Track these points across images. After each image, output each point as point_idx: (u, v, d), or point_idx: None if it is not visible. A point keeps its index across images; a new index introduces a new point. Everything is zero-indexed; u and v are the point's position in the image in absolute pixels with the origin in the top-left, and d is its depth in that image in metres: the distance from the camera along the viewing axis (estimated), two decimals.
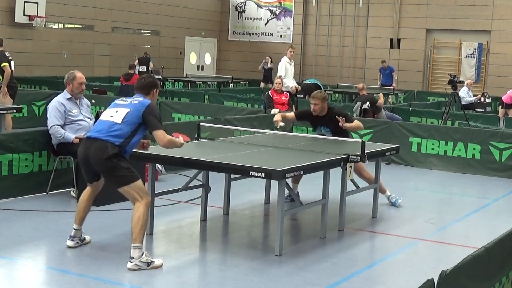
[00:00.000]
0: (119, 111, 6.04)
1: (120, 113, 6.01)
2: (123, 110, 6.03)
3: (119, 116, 5.99)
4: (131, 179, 5.89)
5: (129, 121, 5.96)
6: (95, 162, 5.92)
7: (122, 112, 6.02)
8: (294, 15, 28.01)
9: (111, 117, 6.04)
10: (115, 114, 6.04)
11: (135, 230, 5.78)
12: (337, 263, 6.29)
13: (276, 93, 13.61)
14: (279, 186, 6.14)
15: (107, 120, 6.02)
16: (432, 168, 11.53)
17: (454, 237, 7.56)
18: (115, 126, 5.94)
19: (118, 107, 6.12)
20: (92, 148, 5.92)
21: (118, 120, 5.96)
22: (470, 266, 3.98)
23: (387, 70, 23.45)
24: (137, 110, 5.99)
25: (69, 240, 6.27)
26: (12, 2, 20.61)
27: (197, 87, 22.29)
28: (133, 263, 5.73)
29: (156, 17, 26.05)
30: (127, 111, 6.01)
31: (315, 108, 8.22)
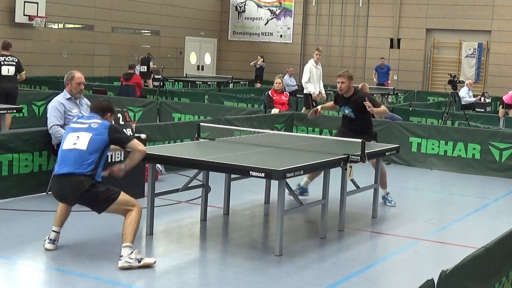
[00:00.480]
0: (81, 137, 5.96)
1: (82, 139, 5.94)
2: (85, 136, 5.95)
3: (83, 142, 5.92)
4: (113, 198, 5.92)
5: (95, 148, 5.94)
6: (74, 197, 5.95)
7: (84, 138, 5.94)
8: (294, 15, 28.02)
9: (74, 144, 5.94)
10: (78, 141, 5.94)
11: (127, 231, 5.81)
12: (337, 263, 6.29)
13: (276, 93, 13.61)
14: (279, 186, 6.14)
15: (72, 150, 5.92)
16: (432, 168, 11.53)
17: (454, 237, 7.56)
18: (82, 155, 5.88)
19: (78, 131, 6.02)
20: (67, 185, 5.89)
21: (83, 147, 5.90)
22: (470, 266, 3.98)
23: (384, 68, 23.45)
24: (100, 134, 5.97)
25: (49, 243, 6.17)
26: (12, 2, 20.62)
27: (197, 87, 22.30)
28: (122, 260, 5.74)
29: (156, 17, 26.05)
30: (89, 136, 5.94)
31: (341, 86, 8.46)
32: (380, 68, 23.51)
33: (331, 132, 12.44)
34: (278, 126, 12.56)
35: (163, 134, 10.37)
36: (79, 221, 7.20)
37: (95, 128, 6.01)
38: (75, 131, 6.05)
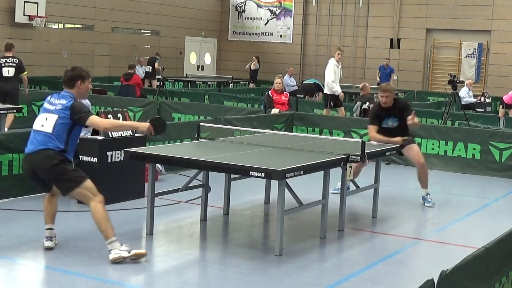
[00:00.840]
0: (49, 119, 5.97)
1: (49, 122, 5.95)
2: (52, 118, 5.96)
3: (49, 125, 5.94)
4: (80, 180, 5.93)
5: (60, 130, 5.93)
6: (43, 171, 5.94)
7: (51, 120, 5.96)
8: (294, 15, 28.02)
9: (42, 126, 5.98)
10: (46, 123, 5.97)
11: (102, 228, 5.86)
12: (337, 263, 6.29)
13: (276, 93, 13.60)
14: (279, 186, 6.14)
15: (40, 132, 5.96)
16: (432, 168, 11.52)
17: (454, 237, 7.56)
18: (49, 137, 5.91)
19: (48, 112, 6.03)
20: (36, 160, 5.91)
21: (49, 129, 5.92)
22: (470, 266, 3.98)
23: (388, 69, 23.45)
24: (64, 117, 5.94)
25: (48, 241, 6.18)
26: (12, 2, 20.61)
27: (197, 87, 22.30)
28: (113, 252, 5.78)
29: (156, 17, 26.05)
30: (55, 118, 5.95)
31: (386, 100, 8.58)
32: (384, 69, 23.51)
33: (331, 132, 12.45)
34: (278, 126, 12.56)
35: (163, 134, 10.35)
36: (79, 221, 7.21)
37: (58, 110, 5.98)
38: (45, 111, 6.06)
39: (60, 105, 6.00)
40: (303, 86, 21.00)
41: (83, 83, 6.11)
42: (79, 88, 6.10)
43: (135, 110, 14.97)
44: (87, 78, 6.16)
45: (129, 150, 6.84)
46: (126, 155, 6.87)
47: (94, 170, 7.77)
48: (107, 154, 7.91)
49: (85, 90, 6.20)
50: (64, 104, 5.98)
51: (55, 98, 6.11)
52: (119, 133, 8.12)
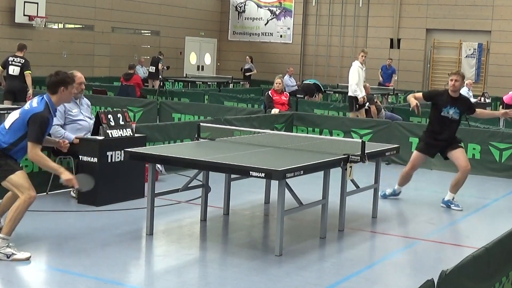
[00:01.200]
0: (12, 115, 6.01)
1: (11, 118, 5.99)
2: (14, 115, 5.98)
3: (9, 121, 5.98)
4: (4, 175, 5.89)
5: (14, 129, 5.92)
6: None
7: (12, 117, 5.98)
8: (294, 15, 28.02)
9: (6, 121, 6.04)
10: (9, 118, 6.02)
11: (6, 221, 5.86)
12: (337, 263, 6.29)
13: (276, 93, 13.60)
14: (279, 186, 6.14)
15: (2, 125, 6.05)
16: (432, 168, 11.52)
17: (454, 237, 7.56)
18: (3, 130, 5.97)
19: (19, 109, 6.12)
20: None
21: (7, 125, 5.98)
22: (470, 266, 3.98)
23: (390, 70, 23.43)
24: (23, 119, 5.91)
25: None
26: (12, 2, 20.62)
27: (197, 87, 22.30)
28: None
29: (156, 17, 26.05)
30: (16, 117, 5.95)
31: (456, 84, 8.47)
32: (386, 68, 23.50)
33: (331, 132, 12.45)
34: (278, 126, 12.56)
35: (163, 134, 10.37)
36: (79, 221, 7.21)
37: (24, 111, 5.97)
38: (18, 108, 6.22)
39: (28, 107, 5.99)
40: (303, 86, 21.00)
41: (66, 89, 6.04)
42: (62, 93, 6.04)
43: (135, 110, 14.97)
44: (70, 84, 6.09)
45: (129, 150, 6.84)
46: (126, 155, 6.87)
47: (94, 170, 7.78)
48: (107, 154, 7.91)
49: (68, 96, 6.14)
50: (31, 108, 5.93)
51: (35, 100, 6.04)
52: (119, 133, 8.12)
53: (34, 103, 5.97)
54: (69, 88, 6.08)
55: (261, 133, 8.93)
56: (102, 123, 7.97)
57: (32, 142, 5.85)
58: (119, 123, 8.16)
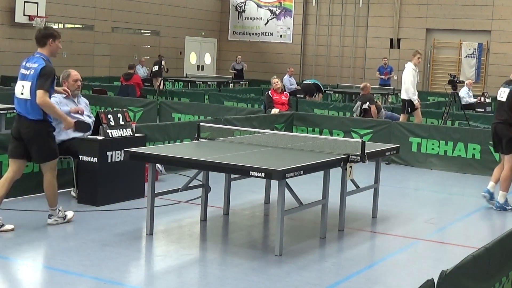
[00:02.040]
0: (25, 86, 6.56)
1: (26, 89, 6.54)
2: (27, 85, 6.53)
3: (27, 92, 6.54)
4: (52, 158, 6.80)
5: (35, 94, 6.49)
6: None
7: (27, 87, 6.53)
8: (294, 15, 28.02)
9: (22, 94, 6.60)
10: (24, 91, 6.57)
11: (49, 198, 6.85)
12: (337, 263, 6.29)
13: (276, 93, 13.60)
14: (279, 186, 6.14)
15: (21, 99, 6.61)
16: (432, 168, 11.53)
17: (454, 237, 7.56)
18: (27, 104, 6.56)
19: (24, 80, 6.59)
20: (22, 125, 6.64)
21: (26, 96, 6.55)
22: (470, 266, 3.98)
23: (387, 68, 23.42)
24: (35, 82, 6.48)
25: None
26: (12, 2, 20.61)
27: (197, 87, 22.30)
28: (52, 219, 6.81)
29: (156, 17, 26.05)
30: (29, 84, 6.52)
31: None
32: (383, 68, 23.48)
33: (331, 132, 12.46)
34: (278, 126, 12.56)
35: (163, 134, 10.37)
36: (79, 221, 7.21)
37: (31, 75, 6.53)
38: (21, 78, 6.63)
39: (33, 70, 6.52)
40: (302, 86, 21.00)
41: (53, 42, 6.67)
42: (51, 46, 6.67)
43: (135, 110, 14.97)
44: (57, 38, 6.73)
45: (129, 150, 6.84)
46: (126, 155, 6.87)
47: (94, 170, 7.78)
48: (107, 154, 7.91)
49: (56, 49, 6.73)
50: (35, 68, 6.51)
51: (30, 62, 6.61)
52: (119, 133, 8.12)
53: (34, 64, 6.53)
54: (56, 41, 6.71)
55: (261, 133, 8.92)
56: (102, 123, 7.97)
57: (42, 90, 6.44)
58: (119, 123, 8.16)
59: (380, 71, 23.56)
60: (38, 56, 6.63)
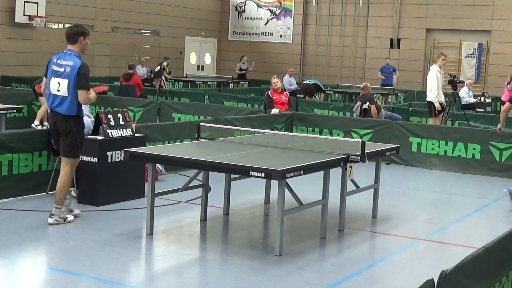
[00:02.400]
0: (62, 84, 6.81)
1: (63, 86, 6.80)
2: (64, 82, 6.80)
3: (64, 89, 6.80)
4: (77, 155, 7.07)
5: (72, 91, 6.80)
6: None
7: (64, 84, 6.80)
8: (294, 15, 28.01)
9: (58, 91, 6.83)
10: (61, 88, 6.81)
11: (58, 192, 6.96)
12: (337, 263, 6.29)
13: (276, 92, 13.59)
14: (279, 186, 6.14)
15: (57, 95, 6.84)
16: (432, 168, 11.53)
17: (454, 237, 7.56)
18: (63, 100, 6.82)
19: (59, 77, 6.83)
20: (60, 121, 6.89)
21: (64, 93, 6.81)
22: (470, 266, 3.98)
23: (390, 68, 23.39)
24: (73, 77, 6.78)
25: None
26: (12, 2, 20.61)
27: (197, 87, 22.30)
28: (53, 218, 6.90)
29: (156, 17, 26.05)
30: (67, 82, 6.79)
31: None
32: (385, 69, 23.47)
33: (331, 132, 12.46)
34: (278, 126, 12.56)
35: (163, 134, 10.37)
36: (79, 221, 7.21)
37: (68, 73, 6.80)
38: (56, 75, 6.86)
39: (69, 68, 6.79)
40: (302, 86, 20.98)
41: (84, 39, 6.96)
42: (81, 43, 6.96)
43: (135, 110, 14.97)
44: (88, 35, 7.02)
45: (129, 150, 6.84)
46: (126, 155, 6.87)
47: (94, 170, 7.78)
48: (107, 154, 7.91)
49: (85, 46, 7.03)
50: (72, 66, 6.79)
51: (62, 59, 6.88)
52: (119, 133, 8.12)
53: (69, 62, 6.82)
54: (87, 38, 7.00)
55: (261, 133, 8.93)
56: (102, 123, 7.98)
57: (84, 90, 6.80)
58: (119, 123, 8.16)
59: (383, 72, 23.53)
60: (70, 53, 6.90)
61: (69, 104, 6.83)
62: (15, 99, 14.09)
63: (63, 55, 6.92)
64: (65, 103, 6.84)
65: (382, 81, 23.24)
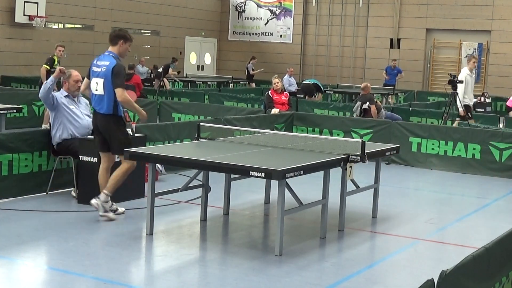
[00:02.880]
0: (99, 83, 7.09)
1: (100, 85, 7.07)
2: (100, 81, 7.07)
3: (101, 88, 7.07)
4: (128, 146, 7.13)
5: (109, 89, 7.04)
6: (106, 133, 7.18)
7: (100, 83, 7.07)
8: (294, 15, 28.02)
9: (96, 90, 7.12)
10: (98, 87, 7.09)
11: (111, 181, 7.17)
12: (337, 263, 6.29)
13: (276, 93, 13.60)
14: (279, 186, 6.14)
15: (96, 95, 7.13)
16: (432, 168, 11.53)
17: (454, 237, 7.56)
18: (99, 98, 7.09)
19: (97, 77, 7.11)
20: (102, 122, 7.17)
21: (100, 92, 7.09)
22: (470, 266, 3.98)
23: (395, 70, 23.37)
24: (108, 79, 7.02)
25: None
26: (12, 2, 20.61)
27: (197, 87, 22.30)
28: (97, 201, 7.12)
29: (156, 17, 26.05)
30: (102, 82, 7.06)
31: None
32: (391, 69, 23.46)
33: (331, 132, 12.46)
34: (278, 126, 12.56)
35: (163, 134, 10.37)
36: (79, 221, 7.21)
37: (104, 72, 7.06)
38: (95, 75, 7.16)
39: (105, 68, 7.05)
40: (302, 87, 20.99)
41: (124, 44, 7.24)
42: (121, 46, 7.22)
43: None
44: (129, 41, 7.32)
45: (129, 150, 6.84)
46: (126, 155, 6.87)
47: (94, 170, 7.77)
48: None
49: (125, 50, 7.28)
50: (107, 65, 7.04)
51: (101, 60, 7.17)
52: None
53: (106, 62, 7.08)
54: (127, 43, 7.28)
55: (261, 133, 8.92)
56: None
57: (121, 88, 7.01)
58: None
59: (388, 72, 23.51)
60: (108, 55, 7.18)
61: (106, 103, 7.08)
62: (15, 99, 14.09)
63: (103, 56, 7.21)
64: (103, 102, 7.10)
65: (385, 81, 23.23)
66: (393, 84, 22.55)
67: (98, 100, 7.16)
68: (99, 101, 7.15)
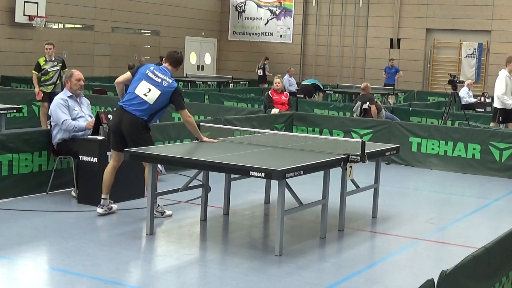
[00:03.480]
0: (152, 91, 7.12)
1: (152, 94, 7.10)
2: (155, 92, 7.11)
3: (152, 97, 7.10)
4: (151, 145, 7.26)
5: (158, 103, 7.13)
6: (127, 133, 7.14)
7: (154, 93, 7.11)
8: (294, 15, 28.01)
9: (144, 95, 7.11)
10: (149, 94, 7.11)
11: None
12: (337, 263, 6.29)
13: (276, 93, 13.60)
14: (279, 186, 6.14)
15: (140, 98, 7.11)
16: (432, 168, 11.53)
17: (454, 237, 7.56)
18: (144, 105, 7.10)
19: (152, 84, 7.15)
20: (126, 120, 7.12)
21: (150, 100, 7.10)
22: (470, 266, 3.98)
23: (393, 69, 23.37)
24: (165, 95, 7.12)
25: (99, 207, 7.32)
26: (12, 2, 20.61)
27: (197, 87, 22.29)
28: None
29: (156, 17, 26.05)
30: (158, 94, 7.10)
31: None
32: (389, 69, 23.46)
33: (331, 132, 12.46)
34: (278, 126, 12.56)
35: (163, 134, 10.37)
36: (79, 221, 7.21)
37: (164, 87, 7.13)
38: (149, 81, 7.16)
39: (166, 83, 7.16)
40: (301, 87, 20.98)
41: (177, 69, 7.41)
42: (176, 69, 7.40)
43: None
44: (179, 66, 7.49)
45: (129, 150, 6.84)
46: (126, 155, 6.87)
47: (94, 170, 7.78)
48: (107, 154, 7.90)
49: (173, 73, 7.37)
50: (170, 83, 7.16)
51: (160, 72, 7.22)
52: None
53: (166, 78, 7.18)
54: (178, 68, 7.47)
55: (261, 133, 8.92)
56: (102, 123, 7.97)
57: (184, 109, 7.26)
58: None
59: (386, 71, 23.52)
60: (167, 71, 7.29)
61: (146, 110, 7.11)
62: (15, 99, 14.09)
63: (161, 69, 7.27)
64: (143, 107, 7.11)
65: (385, 81, 23.24)
66: (393, 84, 22.55)
67: (139, 103, 7.11)
68: (139, 104, 7.10)
